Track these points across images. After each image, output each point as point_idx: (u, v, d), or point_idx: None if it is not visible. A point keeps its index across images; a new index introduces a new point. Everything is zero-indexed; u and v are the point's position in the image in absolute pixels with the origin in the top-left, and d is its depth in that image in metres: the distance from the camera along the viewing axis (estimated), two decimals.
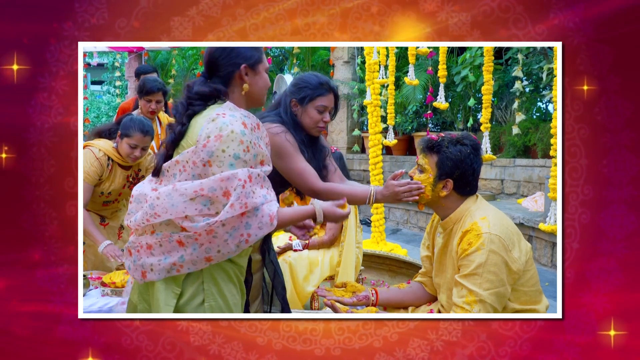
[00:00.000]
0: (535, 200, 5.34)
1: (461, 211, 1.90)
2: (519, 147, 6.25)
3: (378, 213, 4.58)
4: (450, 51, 7.36)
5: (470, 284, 1.75)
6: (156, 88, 3.46)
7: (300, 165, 2.10)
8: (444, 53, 4.06)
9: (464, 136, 1.92)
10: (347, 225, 3.37)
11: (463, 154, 1.86)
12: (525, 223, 4.79)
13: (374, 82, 4.48)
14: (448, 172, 1.87)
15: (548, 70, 5.03)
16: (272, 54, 10.10)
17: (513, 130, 5.84)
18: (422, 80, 6.60)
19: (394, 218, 6.90)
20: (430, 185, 1.90)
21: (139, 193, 1.70)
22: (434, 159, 1.90)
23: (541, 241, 4.75)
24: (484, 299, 1.73)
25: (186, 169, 1.61)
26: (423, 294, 2.12)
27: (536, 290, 1.87)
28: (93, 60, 9.45)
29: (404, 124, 7.61)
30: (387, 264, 4.04)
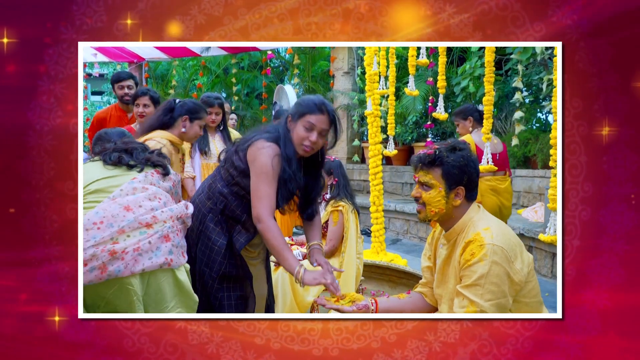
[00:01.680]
0: (535, 211, 5.37)
1: (464, 222, 1.90)
2: (519, 158, 6.28)
3: (378, 223, 4.57)
4: (450, 62, 7.40)
5: (471, 295, 1.75)
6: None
7: (266, 188, 2.12)
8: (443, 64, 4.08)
9: (456, 142, 1.93)
10: (348, 236, 3.36)
11: (465, 158, 1.88)
12: (525, 234, 4.81)
13: (374, 92, 4.49)
14: (458, 180, 1.87)
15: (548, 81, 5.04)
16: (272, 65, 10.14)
17: (513, 141, 5.86)
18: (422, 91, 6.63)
19: (394, 228, 6.91)
20: (444, 199, 1.88)
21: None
22: (438, 172, 1.88)
23: (541, 252, 4.76)
24: (485, 309, 1.73)
25: None
26: (423, 304, 2.11)
27: (537, 302, 1.86)
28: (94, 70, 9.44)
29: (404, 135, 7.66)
30: (387, 274, 4.03)
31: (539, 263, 4.78)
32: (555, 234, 2.74)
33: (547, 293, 4.22)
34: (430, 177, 1.90)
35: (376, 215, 4.62)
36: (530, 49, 5.65)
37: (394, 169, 7.78)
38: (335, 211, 3.39)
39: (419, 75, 6.84)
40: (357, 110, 8.09)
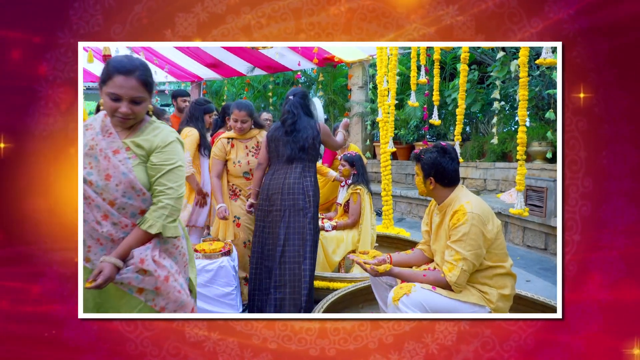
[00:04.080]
0: (510, 195, 5.40)
1: (452, 198, 2.08)
2: (498, 153, 6.28)
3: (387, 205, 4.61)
4: (443, 78, 7.50)
5: (457, 247, 1.94)
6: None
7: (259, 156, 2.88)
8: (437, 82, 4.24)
9: (435, 145, 2.13)
10: (365, 212, 3.54)
11: (432, 158, 2.08)
12: (502, 212, 4.86)
13: (384, 104, 4.57)
14: (428, 172, 2.10)
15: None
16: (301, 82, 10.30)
17: (493, 140, 5.99)
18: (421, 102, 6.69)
19: (399, 209, 6.92)
20: (423, 184, 2.13)
21: None
22: (419, 165, 2.14)
23: (514, 226, 4.84)
24: (466, 257, 1.91)
25: None
26: (423, 257, 2.29)
27: (503, 253, 2.04)
28: (165, 88, 9.52)
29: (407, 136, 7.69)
30: (395, 243, 4.20)
31: (513, 234, 4.86)
32: (521, 209, 2.84)
33: (518, 257, 4.32)
34: (417, 168, 2.15)
35: (386, 199, 4.66)
36: (506, 67, 5.77)
37: (399, 163, 7.80)
38: (355, 193, 3.59)
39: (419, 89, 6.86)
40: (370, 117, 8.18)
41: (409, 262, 2.28)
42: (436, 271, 2.06)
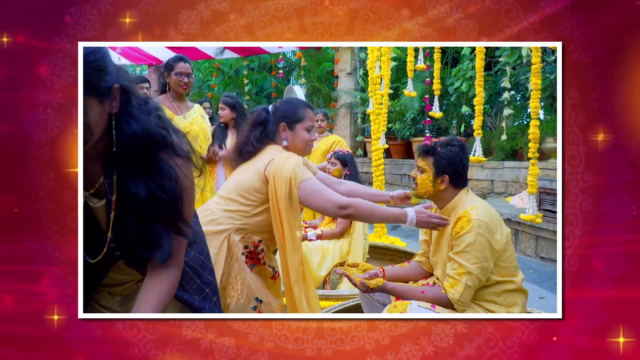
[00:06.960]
0: (521, 199, 5.45)
1: (455, 202, 2.11)
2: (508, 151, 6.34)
3: None
4: (445, 64, 7.53)
5: (461, 260, 1.95)
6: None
7: None
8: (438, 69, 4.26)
9: (452, 138, 2.14)
10: None
11: (453, 153, 2.09)
12: (512, 219, 4.90)
13: (375, 93, 4.56)
14: (443, 169, 2.09)
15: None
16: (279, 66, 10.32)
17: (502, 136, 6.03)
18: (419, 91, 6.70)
19: None
20: (431, 183, 2.12)
21: None
22: (430, 160, 2.12)
23: (526, 234, 4.88)
24: (471, 271, 1.93)
25: None
26: (421, 270, 2.31)
27: (514, 266, 2.06)
28: None
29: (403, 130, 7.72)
30: (389, 254, 4.19)
31: (525, 244, 4.90)
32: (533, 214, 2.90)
33: (531, 270, 4.36)
34: (424, 164, 2.13)
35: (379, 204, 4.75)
36: (517, 52, 5.84)
37: (394, 162, 7.83)
38: None
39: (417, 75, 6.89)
40: (360, 108, 8.20)
41: (405, 277, 2.29)
42: (436, 287, 2.07)
